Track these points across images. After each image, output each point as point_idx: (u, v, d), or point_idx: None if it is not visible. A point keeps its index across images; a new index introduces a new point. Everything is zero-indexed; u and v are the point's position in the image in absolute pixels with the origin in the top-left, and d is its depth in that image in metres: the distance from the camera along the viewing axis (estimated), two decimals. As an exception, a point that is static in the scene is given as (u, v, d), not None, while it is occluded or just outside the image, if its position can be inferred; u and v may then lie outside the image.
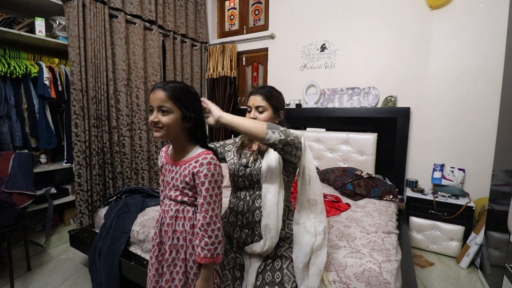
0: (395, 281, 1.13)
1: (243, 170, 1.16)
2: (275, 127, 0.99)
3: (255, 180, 1.12)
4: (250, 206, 1.13)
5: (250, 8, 3.52)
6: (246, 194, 1.15)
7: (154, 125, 0.92)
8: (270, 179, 1.09)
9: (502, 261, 1.55)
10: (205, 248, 0.91)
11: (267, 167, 1.08)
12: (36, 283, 1.79)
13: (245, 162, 1.18)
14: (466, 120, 2.32)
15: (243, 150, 1.23)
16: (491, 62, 2.19)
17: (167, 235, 0.99)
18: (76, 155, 2.26)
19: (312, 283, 1.06)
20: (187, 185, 0.95)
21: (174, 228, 0.98)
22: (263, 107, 1.13)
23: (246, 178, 1.15)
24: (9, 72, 2.05)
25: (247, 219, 1.12)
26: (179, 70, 3.23)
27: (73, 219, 2.54)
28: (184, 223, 0.97)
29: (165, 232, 1.00)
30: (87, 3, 2.25)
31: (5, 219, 1.65)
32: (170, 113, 0.90)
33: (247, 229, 1.13)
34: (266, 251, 1.08)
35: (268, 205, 1.07)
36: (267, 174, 1.09)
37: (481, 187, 2.24)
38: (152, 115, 0.91)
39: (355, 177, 2.29)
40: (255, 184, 1.13)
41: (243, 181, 1.16)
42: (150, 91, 0.94)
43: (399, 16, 2.54)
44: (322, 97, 2.95)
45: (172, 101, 0.90)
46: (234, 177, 1.19)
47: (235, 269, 1.12)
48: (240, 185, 1.17)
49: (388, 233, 1.53)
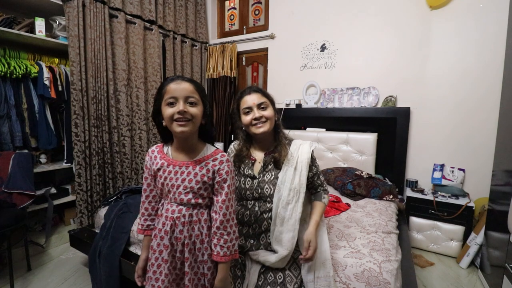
0: (395, 281, 1.13)
1: (250, 182, 1.14)
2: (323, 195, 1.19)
3: (267, 194, 1.11)
4: (258, 217, 1.11)
5: (250, 8, 3.52)
6: (255, 204, 1.13)
7: (181, 116, 0.83)
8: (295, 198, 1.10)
9: (502, 261, 1.55)
10: (225, 246, 0.89)
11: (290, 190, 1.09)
12: (36, 283, 1.79)
13: (251, 173, 1.14)
14: (466, 120, 2.32)
15: (242, 159, 1.19)
16: (491, 62, 2.19)
17: (180, 242, 0.91)
18: (76, 155, 2.26)
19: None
20: (204, 185, 0.90)
21: (190, 233, 0.91)
22: (265, 103, 1.10)
23: (255, 191, 1.12)
24: (9, 72, 2.05)
25: (253, 230, 1.12)
26: (179, 70, 3.23)
27: (73, 219, 2.54)
28: (199, 226, 0.92)
29: (177, 239, 0.91)
30: (87, 3, 2.25)
31: (5, 219, 1.64)
32: (197, 105, 0.87)
33: (253, 240, 1.12)
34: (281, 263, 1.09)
35: (291, 223, 1.08)
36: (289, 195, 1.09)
37: (481, 187, 2.24)
38: (174, 106, 0.84)
39: (355, 177, 2.29)
40: (267, 198, 1.11)
41: (251, 193, 1.13)
42: (164, 82, 0.88)
43: (399, 16, 2.54)
44: (322, 97, 2.95)
45: (199, 94, 0.88)
46: (239, 189, 1.16)
47: (236, 268, 1.12)
48: (248, 197, 1.15)
49: (388, 233, 1.53)
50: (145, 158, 0.99)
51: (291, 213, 1.08)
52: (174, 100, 0.84)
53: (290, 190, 1.08)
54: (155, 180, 0.97)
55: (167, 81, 0.87)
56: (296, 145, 1.19)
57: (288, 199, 1.08)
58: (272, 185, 1.11)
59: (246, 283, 1.09)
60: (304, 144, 1.19)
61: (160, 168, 0.94)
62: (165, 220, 0.92)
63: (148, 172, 0.98)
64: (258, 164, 1.17)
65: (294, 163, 1.12)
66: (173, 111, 0.83)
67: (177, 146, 0.95)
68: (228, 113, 3.44)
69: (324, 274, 1.08)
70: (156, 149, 0.98)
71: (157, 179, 0.95)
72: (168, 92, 0.85)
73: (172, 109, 0.84)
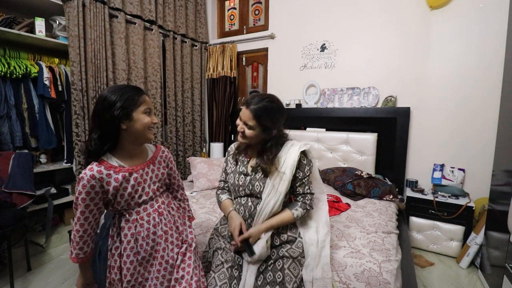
0: (395, 281, 1.13)
1: (243, 179, 1.17)
2: (296, 206, 1.15)
3: (258, 191, 1.14)
4: (251, 212, 1.15)
5: (250, 8, 3.52)
6: (248, 200, 1.17)
7: (153, 126, 1.02)
8: (274, 195, 1.12)
9: (502, 261, 1.55)
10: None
11: (272, 187, 1.12)
12: (36, 283, 1.79)
13: (244, 170, 1.19)
14: (466, 120, 2.32)
15: (239, 156, 1.24)
16: (491, 62, 2.18)
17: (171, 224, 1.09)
18: (76, 155, 2.26)
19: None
20: (164, 175, 1.11)
21: (173, 213, 1.11)
22: (251, 126, 1.09)
23: (247, 187, 1.16)
24: (9, 72, 2.05)
25: (249, 225, 1.15)
26: (179, 70, 3.23)
27: (73, 219, 2.53)
28: (171, 201, 1.14)
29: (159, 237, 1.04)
30: (87, 3, 2.25)
31: (5, 219, 1.64)
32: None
33: None
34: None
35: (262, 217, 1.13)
36: (270, 192, 1.11)
37: (481, 187, 2.24)
38: (149, 116, 1.00)
39: (355, 177, 2.29)
40: (257, 194, 1.15)
41: (244, 190, 1.17)
42: (140, 93, 0.98)
43: (399, 16, 2.54)
44: (322, 97, 2.95)
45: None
46: (234, 186, 1.21)
47: (234, 268, 1.12)
48: (241, 193, 1.19)
49: (388, 233, 1.53)
50: (80, 189, 0.89)
51: (265, 207, 1.12)
52: (150, 110, 0.98)
53: (272, 186, 1.12)
54: (114, 198, 0.94)
55: (142, 92, 0.98)
56: (287, 148, 1.17)
57: (269, 196, 1.12)
58: (262, 182, 1.14)
59: (243, 284, 1.08)
60: (295, 146, 1.16)
61: (122, 182, 0.93)
62: (148, 218, 1.00)
63: (94, 199, 0.91)
64: (252, 162, 1.21)
65: (280, 167, 1.13)
66: (149, 120, 0.97)
67: (131, 153, 0.99)
68: (228, 113, 3.44)
69: (322, 275, 1.09)
70: (101, 170, 0.90)
71: (119, 194, 0.94)
72: (146, 103, 0.97)
73: (148, 118, 0.97)
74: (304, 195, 1.17)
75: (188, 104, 3.38)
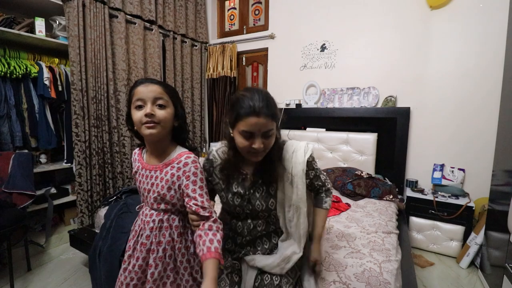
0: (395, 281, 1.13)
1: (240, 199, 1.02)
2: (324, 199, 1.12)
3: (259, 210, 1.02)
4: (251, 230, 1.06)
5: (250, 8, 3.52)
6: (248, 218, 1.07)
7: (149, 119, 0.81)
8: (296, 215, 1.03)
9: (502, 261, 1.55)
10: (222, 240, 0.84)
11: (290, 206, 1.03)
12: (36, 283, 1.79)
13: (240, 191, 1.02)
14: (467, 120, 2.32)
15: (230, 172, 1.02)
16: (491, 62, 2.18)
17: (145, 248, 0.89)
18: (76, 155, 2.26)
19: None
20: (169, 191, 0.87)
21: (159, 239, 0.89)
22: (271, 133, 0.88)
23: (246, 207, 1.02)
24: (9, 72, 2.05)
25: (247, 241, 1.09)
26: (179, 70, 3.23)
27: (73, 219, 2.54)
28: (171, 232, 0.90)
29: (143, 245, 0.89)
30: (87, 3, 2.25)
31: (5, 219, 1.64)
32: (167, 107, 0.84)
33: (249, 246, 1.10)
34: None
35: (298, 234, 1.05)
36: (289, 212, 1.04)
37: (481, 187, 2.24)
38: (143, 109, 0.81)
39: (355, 177, 2.29)
40: (259, 213, 1.03)
41: (242, 210, 1.03)
42: (132, 87, 0.86)
43: (399, 16, 2.54)
44: (322, 97, 2.95)
45: (168, 96, 0.85)
46: (226, 205, 1.05)
47: (234, 273, 1.11)
48: (239, 214, 1.05)
49: (388, 233, 1.53)
50: None
51: (295, 229, 1.04)
52: (142, 103, 0.82)
53: (290, 207, 1.02)
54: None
55: (136, 84, 0.84)
56: (288, 153, 1.02)
57: (289, 217, 1.03)
58: (264, 201, 1.01)
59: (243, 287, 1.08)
60: (299, 150, 1.02)
61: (137, 171, 0.95)
62: (140, 223, 0.94)
63: (133, 175, 0.99)
64: (248, 178, 1.02)
65: (289, 177, 1.00)
66: (141, 115, 0.81)
67: (149, 150, 0.93)
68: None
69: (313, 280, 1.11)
70: (137, 151, 0.98)
71: (135, 182, 0.98)
72: (135, 94, 0.83)
73: (140, 112, 0.82)
74: (324, 184, 1.13)
75: (188, 104, 3.38)
